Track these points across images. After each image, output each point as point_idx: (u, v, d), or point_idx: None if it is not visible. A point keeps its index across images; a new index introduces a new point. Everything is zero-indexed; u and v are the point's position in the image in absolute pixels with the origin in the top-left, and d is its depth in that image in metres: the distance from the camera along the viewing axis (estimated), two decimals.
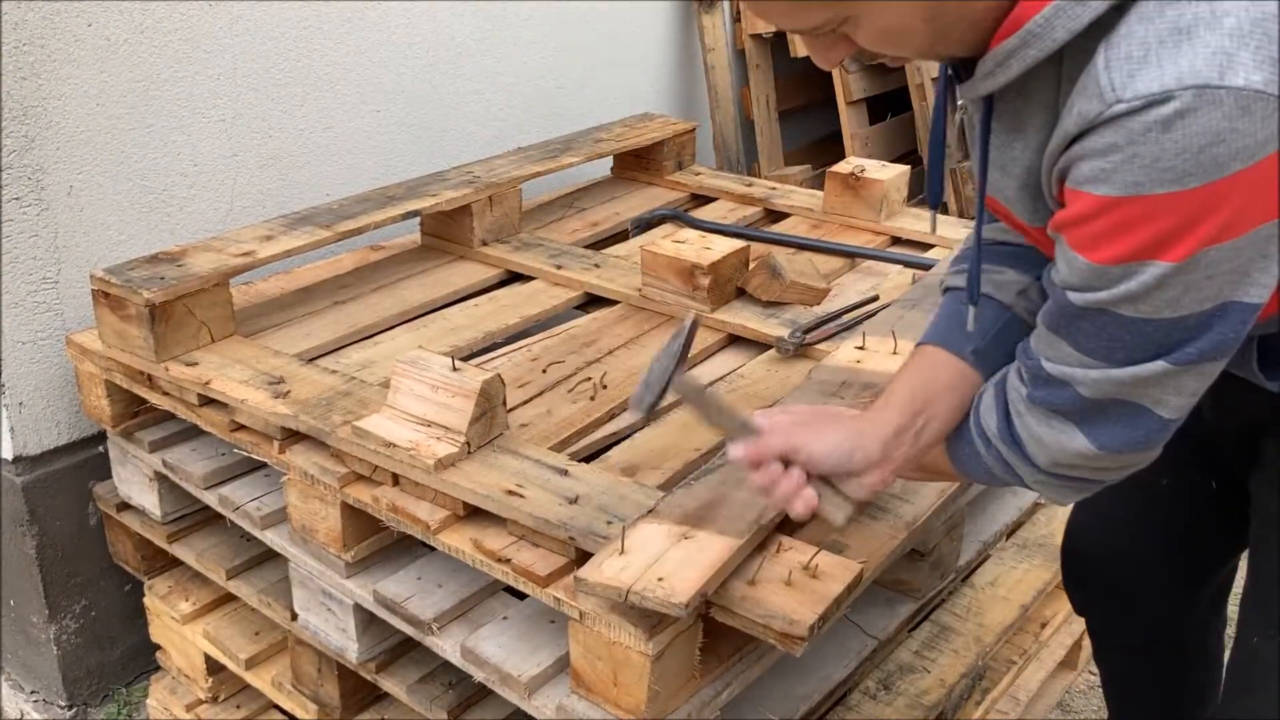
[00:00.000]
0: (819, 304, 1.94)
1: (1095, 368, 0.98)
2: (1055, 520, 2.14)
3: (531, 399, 1.70)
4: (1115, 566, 1.56)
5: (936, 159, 1.17)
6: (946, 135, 1.15)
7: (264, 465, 1.70)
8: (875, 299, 1.95)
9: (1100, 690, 1.80)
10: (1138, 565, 1.53)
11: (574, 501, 1.36)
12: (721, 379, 1.77)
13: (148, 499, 1.87)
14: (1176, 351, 0.94)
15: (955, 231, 2.23)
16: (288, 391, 1.63)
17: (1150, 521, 1.50)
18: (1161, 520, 1.49)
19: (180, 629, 1.92)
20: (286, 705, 1.81)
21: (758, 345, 1.87)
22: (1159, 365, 0.95)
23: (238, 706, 1.97)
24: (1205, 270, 0.88)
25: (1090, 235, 0.90)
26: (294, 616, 1.69)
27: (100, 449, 2.04)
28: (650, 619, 1.22)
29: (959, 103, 1.07)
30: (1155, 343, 0.94)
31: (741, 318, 1.89)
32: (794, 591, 1.23)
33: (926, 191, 1.27)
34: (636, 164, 2.65)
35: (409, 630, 1.49)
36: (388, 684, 1.61)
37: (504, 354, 1.85)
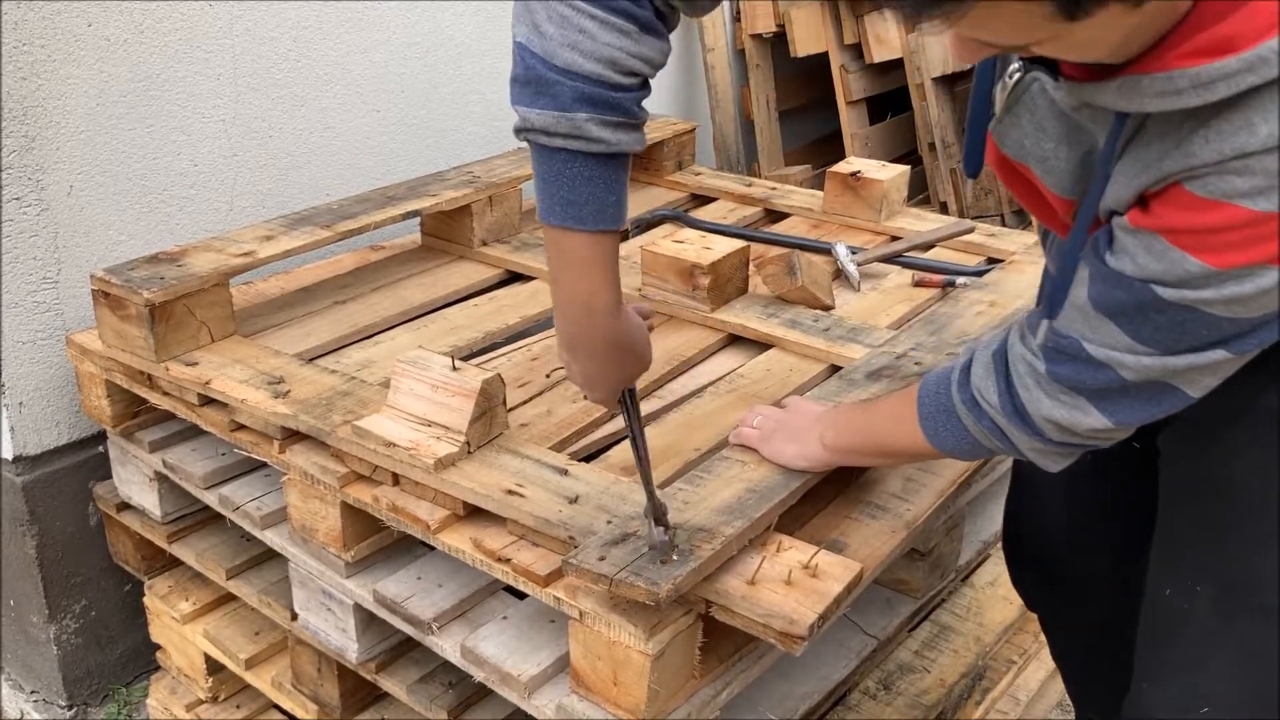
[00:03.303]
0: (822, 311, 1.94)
1: (1149, 355, 1.00)
2: None
3: (531, 399, 1.70)
4: (1054, 555, 1.56)
5: (979, 120, 1.16)
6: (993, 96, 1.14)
7: (264, 465, 1.70)
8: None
9: None
10: (1077, 547, 1.53)
11: (574, 501, 1.36)
12: (722, 378, 1.77)
13: (148, 499, 1.87)
14: (1237, 342, 0.97)
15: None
16: (288, 391, 1.63)
17: (1082, 499, 1.50)
18: (1093, 495, 1.49)
19: (180, 629, 1.92)
20: (286, 705, 1.81)
21: (758, 345, 1.87)
22: (1218, 354, 0.98)
23: (238, 706, 1.97)
24: None
25: (1223, 242, 0.92)
26: (294, 616, 1.69)
27: (100, 449, 2.04)
28: (650, 619, 1.22)
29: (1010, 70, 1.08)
30: (1224, 335, 0.97)
31: (742, 318, 1.89)
32: (794, 591, 1.23)
33: (963, 162, 1.28)
34: (636, 164, 2.65)
35: (409, 630, 1.49)
36: (388, 684, 1.61)
37: (504, 354, 1.85)
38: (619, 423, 1.65)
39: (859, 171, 2.32)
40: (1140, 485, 1.38)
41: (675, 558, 1.22)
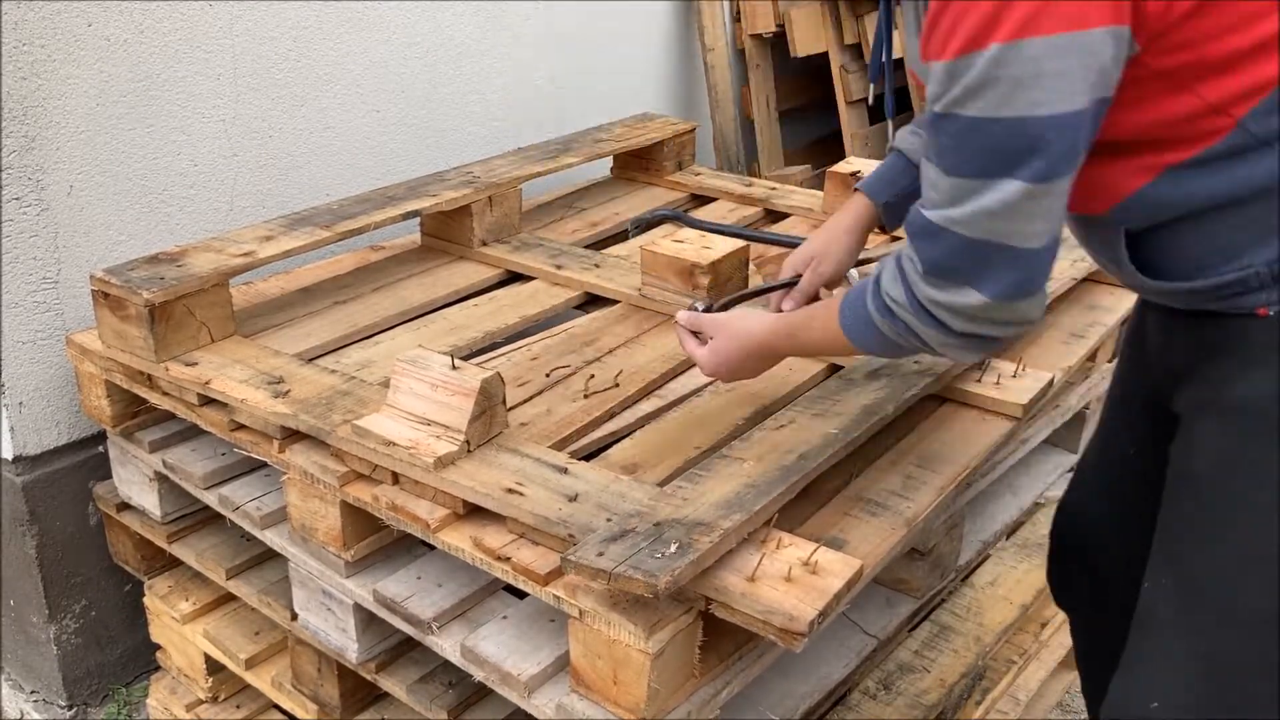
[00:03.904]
0: None
1: (963, 201, 1.10)
2: None
3: (531, 398, 1.70)
4: (1096, 544, 1.57)
5: (878, 53, 1.38)
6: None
7: (264, 465, 1.70)
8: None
9: None
10: (1116, 539, 1.53)
11: (574, 499, 1.36)
12: None
13: (148, 499, 1.87)
14: (1024, 167, 1.05)
15: None
16: (287, 391, 1.63)
17: (1124, 492, 1.51)
18: (1135, 490, 1.49)
19: (180, 629, 1.92)
20: (286, 705, 1.81)
21: None
22: (1016, 185, 1.06)
23: (238, 706, 1.97)
24: (1029, 65, 1.01)
25: (939, 38, 1.05)
26: (294, 616, 1.68)
27: (100, 449, 2.04)
28: (650, 617, 1.22)
29: None
30: (1004, 153, 1.06)
31: None
32: (794, 587, 1.22)
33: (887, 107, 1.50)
34: (636, 164, 2.66)
35: (409, 630, 1.49)
36: (387, 684, 1.61)
37: (504, 353, 1.85)
38: (619, 422, 1.66)
39: (859, 171, 2.32)
40: None
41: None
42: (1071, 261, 1.99)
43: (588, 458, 1.55)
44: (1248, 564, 1.15)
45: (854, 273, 2.09)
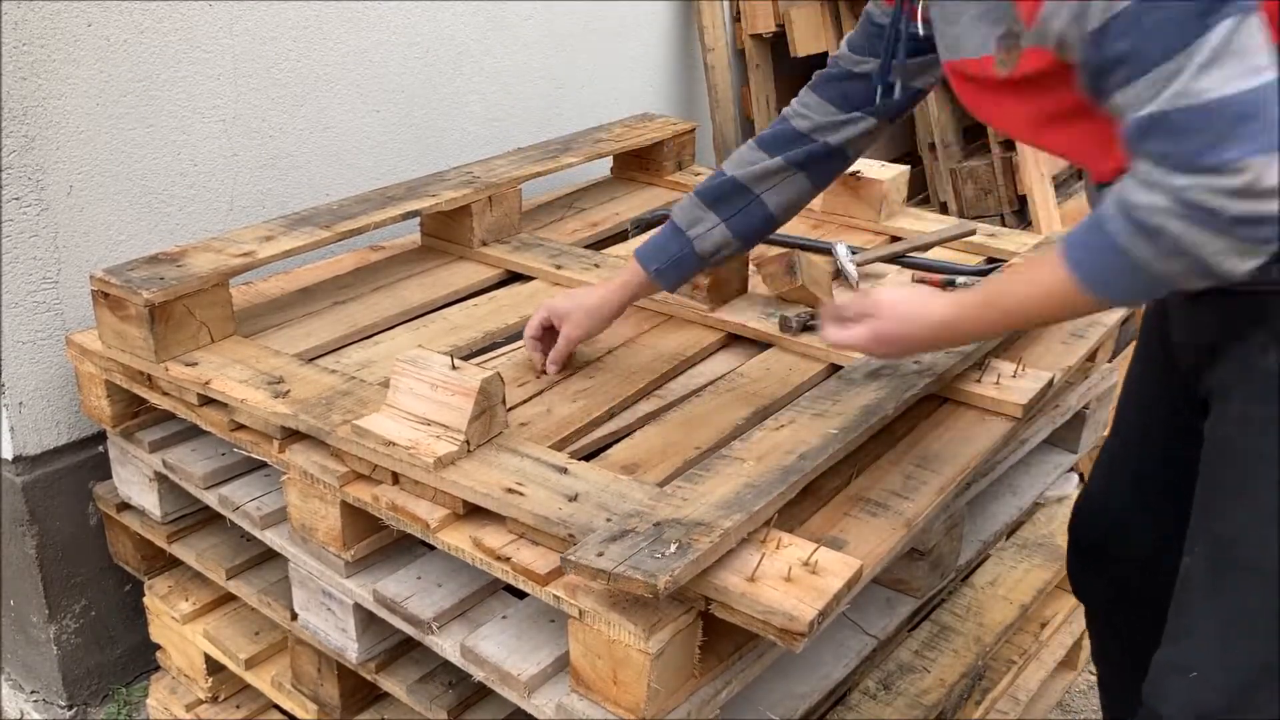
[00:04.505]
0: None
1: (1173, 77, 1.02)
2: (1055, 520, 2.14)
3: (531, 398, 1.70)
4: (1118, 531, 1.58)
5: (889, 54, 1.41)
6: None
7: (264, 465, 1.70)
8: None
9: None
10: (1139, 524, 1.54)
11: (574, 499, 1.36)
12: (721, 378, 1.77)
13: (148, 499, 1.87)
14: (1213, 12, 1.00)
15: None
16: (287, 391, 1.63)
17: (1150, 474, 1.52)
18: (1160, 474, 1.50)
19: (180, 629, 1.92)
20: (286, 705, 1.81)
21: (757, 344, 1.87)
22: (1224, 25, 1.00)
23: (238, 706, 1.97)
24: None
25: None
26: (294, 616, 1.68)
27: (100, 449, 2.04)
28: (650, 617, 1.22)
29: None
30: (1188, 8, 1.01)
31: (742, 317, 1.89)
32: (793, 587, 1.22)
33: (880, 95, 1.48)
34: (636, 164, 2.66)
35: (409, 630, 1.49)
36: (387, 684, 1.61)
37: (503, 354, 1.85)
38: (619, 423, 1.66)
39: (859, 171, 2.32)
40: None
41: None
42: None
43: (588, 458, 1.55)
44: (1275, 519, 1.16)
45: (841, 248, 2.10)
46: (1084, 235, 1.14)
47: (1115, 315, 1.96)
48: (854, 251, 2.12)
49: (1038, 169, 2.84)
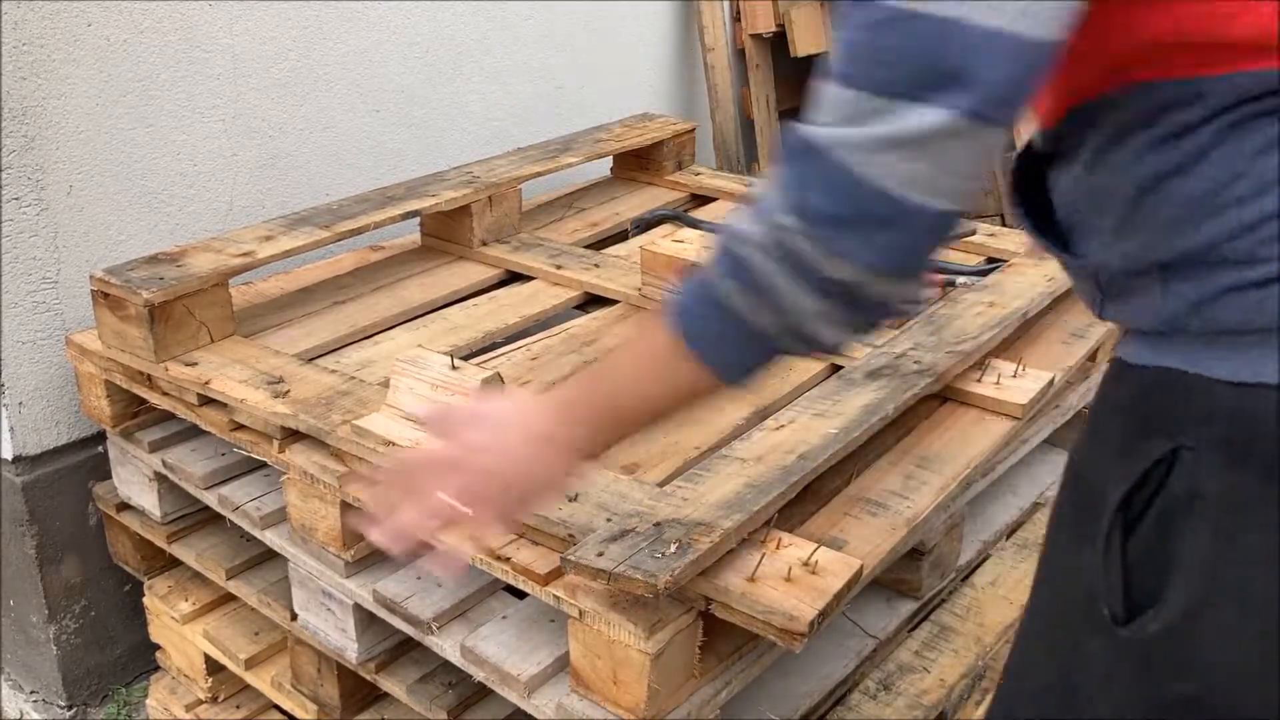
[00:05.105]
0: None
1: (862, 120, 0.79)
2: None
3: None
4: None
5: None
6: None
7: (264, 465, 1.70)
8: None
9: None
10: None
11: (573, 500, 1.36)
12: None
13: (147, 499, 1.87)
14: (951, 92, 0.76)
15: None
16: (287, 391, 1.63)
17: None
18: None
19: (180, 629, 1.92)
20: (286, 705, 1.81)
21: None
22: (941, 116, 0.77)
23: (237, 706, 1.97)
24: None
25: None
26: (294, 616, 1.68)
27: (100, 449, 2.04)
28: (650, 617, 1.22)
29: None
30: (923, 59, 0.77)
31: None
32: (793, 587, 1.22)
33: None
34: (636, 164, 2.65)
35: (408, 630, 1.49)
36: (387, 684, 1.61)
37: (503, 354, 1.85)
38: None
39: None
40: None
41: None
42: None
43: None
44: None
45: None
46: (677, 291, 0.93)
47: None
48: None
49: None
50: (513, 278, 2.14)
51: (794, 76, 3.48)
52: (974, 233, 2.24)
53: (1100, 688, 0.92)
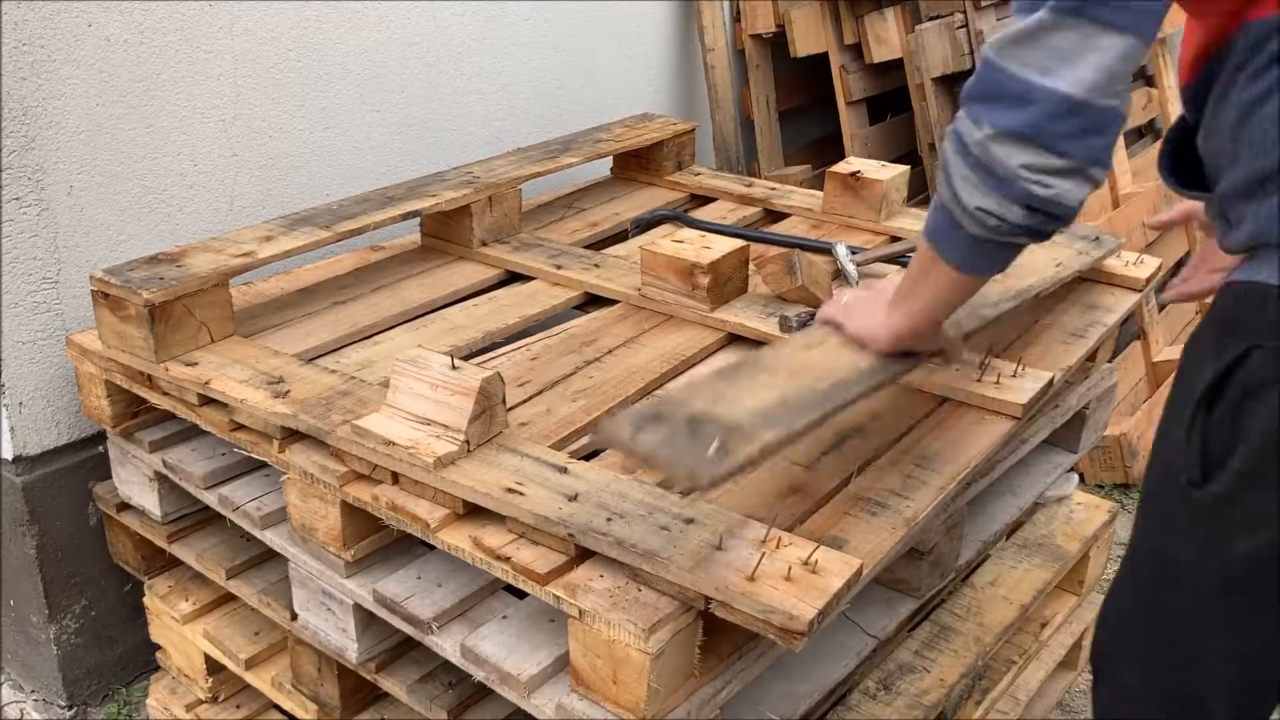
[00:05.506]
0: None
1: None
2: (1055, 520, 2.14)
3: (531, 398, 1.70)
4: None
5: None
6: None
7: (264, 465, 1.70)
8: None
9: None
10: None
11: (574, 499, 1.36)
12: None
13: (148, 499, 1.87)
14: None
15: None
16: (287, 391, 1.63)
17: None
18: None
19: (180, 629, 1.92)
20: (286, 705, 1.81)
21: (757, 344, 1.87)
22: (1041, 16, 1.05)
23: (238, 706, 1.97)
24: None
25: None
26: (294, 616, 1.68)
27: (100, 449, 2.04)
28: (650, 617, 1.22)
29: None
30: None
31: (741, 317, 1.89)
32: (793, 586, 1.23)
33: None
34: (636, 164, 2.65)
35: (409, 630, 1.49)
36: (387, 684, 1.61)
37: (504, 354, 1.85)
38: None
39: (859, 171, 2.32)
40: None
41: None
42: (1076, 252, 1.98)
43: (588, 457, 1.55)
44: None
45: (841, 248, 2.09)
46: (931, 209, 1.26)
47: (1116, 315, 1.95)
48: (854, 251, 2.12)
49: None
50: (513, 278, 2.14)
51: (794, 76, 3.49)
52: None
53: (1181, 546, 1.17)
